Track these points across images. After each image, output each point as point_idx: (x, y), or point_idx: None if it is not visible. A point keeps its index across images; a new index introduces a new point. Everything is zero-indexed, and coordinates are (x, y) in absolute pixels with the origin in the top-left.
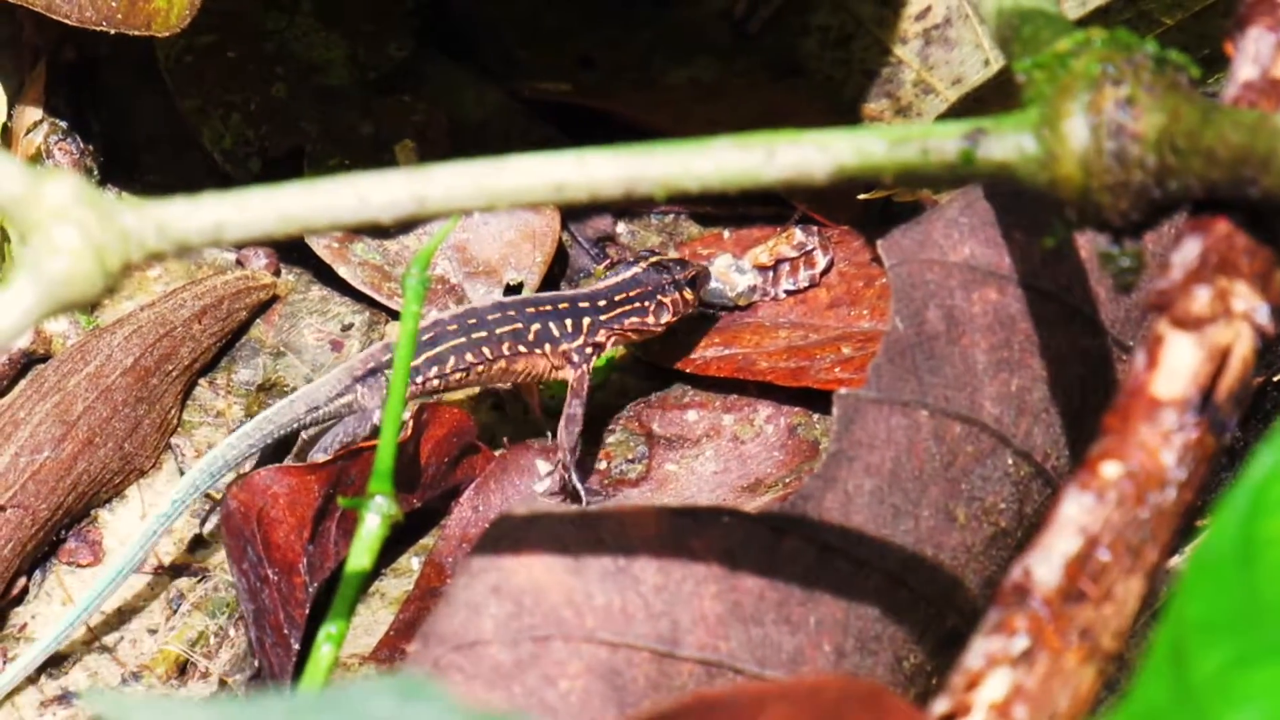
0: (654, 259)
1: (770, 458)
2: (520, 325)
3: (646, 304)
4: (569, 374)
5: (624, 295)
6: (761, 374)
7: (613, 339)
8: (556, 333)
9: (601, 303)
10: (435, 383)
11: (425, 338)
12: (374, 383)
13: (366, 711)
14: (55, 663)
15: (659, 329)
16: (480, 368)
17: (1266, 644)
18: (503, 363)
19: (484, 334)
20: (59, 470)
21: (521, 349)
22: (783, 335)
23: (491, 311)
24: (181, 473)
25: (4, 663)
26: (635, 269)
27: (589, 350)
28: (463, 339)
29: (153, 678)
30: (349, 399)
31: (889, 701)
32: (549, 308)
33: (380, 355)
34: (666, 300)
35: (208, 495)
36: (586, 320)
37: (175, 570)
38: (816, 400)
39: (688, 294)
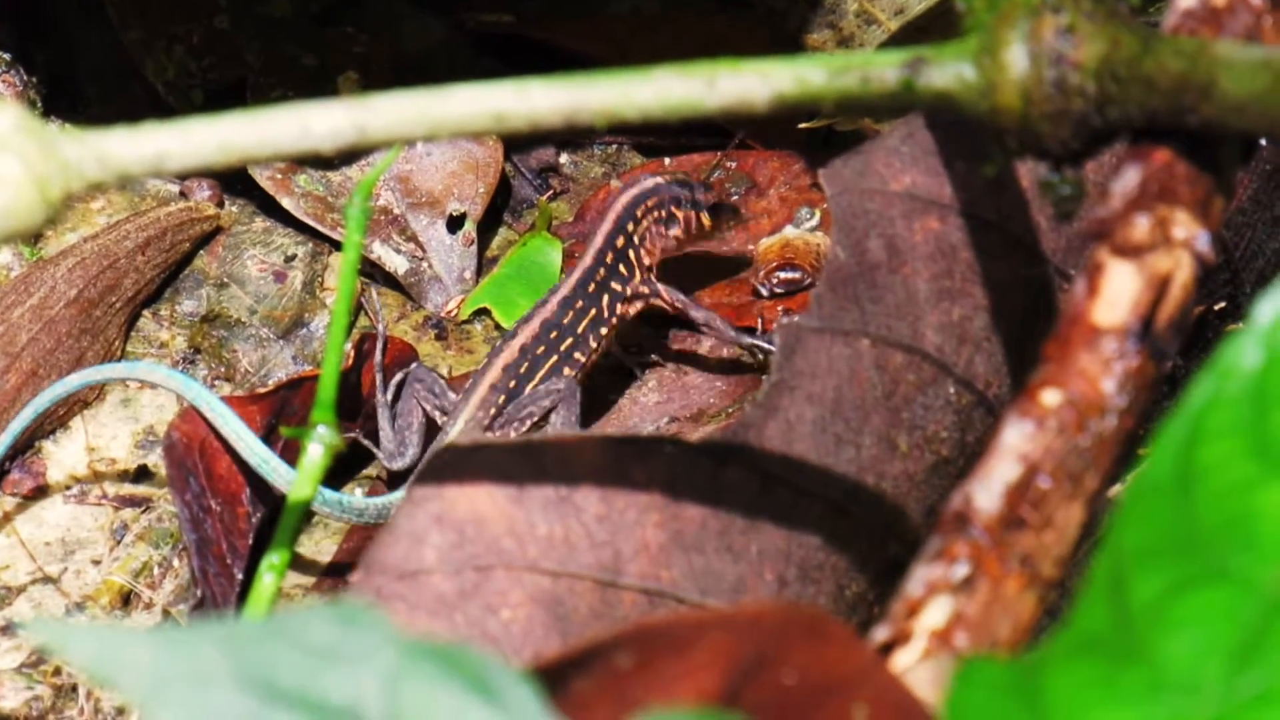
0: (682, 176)
1: (713, 388)
2: (586, 304)
3: (661, 213)
4: (660, 301)
5: (644, 208)
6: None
7: (650, 255)
8: (617, 286)
9: (630, 227)
10: (546, 402)
11: (523, 369)
12: (509, 415)
13: (308, 640)
14: None
15: (671, 243)
16: (583, 368)
17: (1204, 570)
18: (603, 347)
19: (570, 340)
20: (3, 401)
21: (604, 330)
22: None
23: (561, 313)
24: (125, 404)
25: None
26: (657, 179)
27: (649, 273)
28: (555, 357)
29: (97, 608)
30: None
31: (830, 628)
32: (598, 269)
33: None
34: (680, 214)
35: None
36: (629, 256)
37: (119, 501)
38: (760, 331)
39: (704, 217)
